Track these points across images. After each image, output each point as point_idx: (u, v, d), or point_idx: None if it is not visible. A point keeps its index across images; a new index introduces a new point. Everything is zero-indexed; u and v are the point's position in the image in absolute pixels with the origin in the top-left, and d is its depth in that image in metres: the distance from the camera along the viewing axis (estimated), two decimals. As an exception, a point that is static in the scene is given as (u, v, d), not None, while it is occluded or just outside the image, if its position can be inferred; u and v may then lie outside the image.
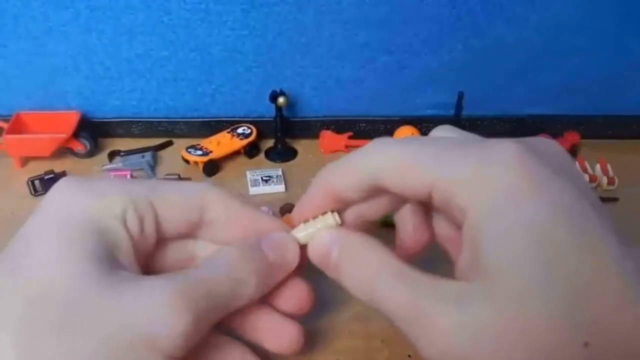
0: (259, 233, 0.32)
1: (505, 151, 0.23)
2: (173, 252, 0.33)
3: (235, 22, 0.57)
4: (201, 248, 0.34)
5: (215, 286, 0.28)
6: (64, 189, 0.29)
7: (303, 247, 0.32)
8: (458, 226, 0.25)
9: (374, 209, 0.31)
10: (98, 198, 0.29)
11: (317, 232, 0.30)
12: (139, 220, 0.29)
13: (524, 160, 0.23)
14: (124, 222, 0.29)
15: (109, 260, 0.27)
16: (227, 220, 0.32)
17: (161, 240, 0.32)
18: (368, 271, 0.27)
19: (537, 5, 0.56)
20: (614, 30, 0.57)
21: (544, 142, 0.26)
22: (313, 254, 0.30)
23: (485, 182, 0.23)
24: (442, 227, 0.31)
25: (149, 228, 0.30)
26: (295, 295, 0.33)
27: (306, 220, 0.32)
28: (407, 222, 0.31)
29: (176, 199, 0.31)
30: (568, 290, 0.21)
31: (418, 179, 0.25)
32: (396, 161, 0.26)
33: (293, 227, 0.33)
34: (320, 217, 0.32)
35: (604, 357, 0.20)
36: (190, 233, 0.33)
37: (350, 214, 0.31)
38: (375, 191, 0.28)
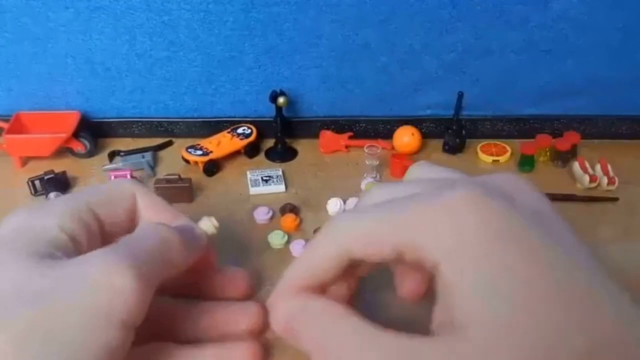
0: None
1: (466, 199, 0.23)
2: None
3: (235, 22, 0.57)
4: None
5: (148, 247, 0.29)
6: (17, 214, 0.31)
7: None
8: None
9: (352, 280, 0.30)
10: (43, 216, 0.30)
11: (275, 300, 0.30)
12: (85, 227, 0.31)
13: (488, 208, 0.22)
14: (67, 232, 0.30)
15: (52, 257, 0.28)
16: (153, 216, 0.34)
17: (110, 241, 0.33)
18: (331, 337, 0.25)
19: (537, 6, 0.56)
20: (614, 30, 0.57)
21: (511, 181, 0.25)
22: (275, 325, 0.29)
23: (452, 235, 0.22)
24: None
25: (96, 234, 0.32)
26: (239, 280, 0.36)
27: None
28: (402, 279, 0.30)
29: (112, 197, 0.33)
30: (538, 344, 0.20)
31: (387, 246, 0.24)
32: (360, 232, 0.25)
33: None
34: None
35: None
36: (132, 228, 0.35)
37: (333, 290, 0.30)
38: (352, 263, 0.27)
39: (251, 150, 0.61)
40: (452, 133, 0.62)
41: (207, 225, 0.38)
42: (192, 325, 0.35)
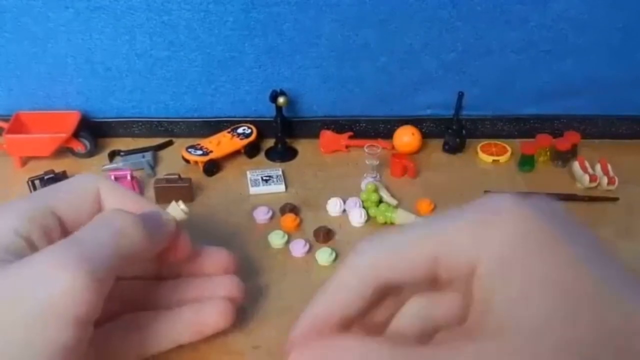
0: None
1: (504, 205, 0.23)
2: None
3: (235, 22, 0.57)
4: None
5: (99, 240, 0.30)
6: None
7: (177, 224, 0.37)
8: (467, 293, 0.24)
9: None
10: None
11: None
12: (44, 230, 0.31)
13: (525, 213, 0.23)
14: (24, 236, 0.30)
15: (3, 261, 0.28)
16: (117, 206, 0.34)
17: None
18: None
19: (537, 6, 0.56)
20: (614, 30, 0.57)
21: (541, 199, 0.25)
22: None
23: (492, 237, 0.23)
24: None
25: (56, 234, 0.32)
26: (221, 259, 0.39)
27: None
28: None
29: (74, 196, 0.34)
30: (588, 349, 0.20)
31: (420, 257, 0.24)
32: (386, 251, 0.25)
33: None
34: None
35: None
36: None
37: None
38: (379, 289, 0.26)
39: (251, 150, 0.62)
40: (452, 133, 0.62)
41: (176, 210, 0.37)
42: (171, 297, 0.37)
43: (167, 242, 0.36)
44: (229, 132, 0.62)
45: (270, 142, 0.63)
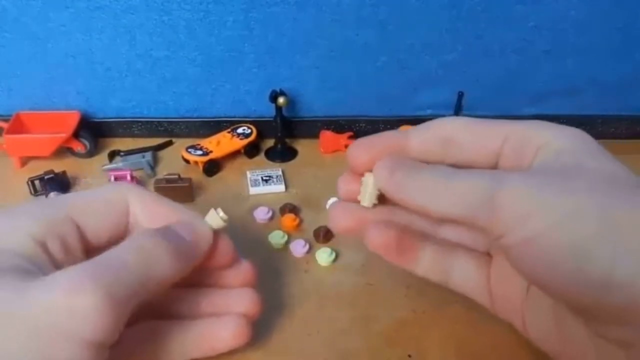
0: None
1: (572, 128, 0.31)
2: None
3: (235, 22, 0.57)
4: None
5: (124, 263, 0.29)
6: None
7: (216, 233, 0.36)
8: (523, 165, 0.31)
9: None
10: (12, 222, 0.29)
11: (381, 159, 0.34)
12: (60, 237, 0.30)
13: (582, 132, 0.31)
14: (39, 240, 0.29)
15: (24, 275, 0.27)
16: (149, 217, 0.33)
17: (95, 249, 0.32)
18: (427, 179, 0.31)
19: (537, 6, 0.56)
20: (614, 30, 0.57)
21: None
22: (377, 175, 0.33)
23: (561, 133, 0.30)
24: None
25: (74, 243, 0.31)
26: (241, 272, 0.38)
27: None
28: None
29: (97, 205, 0.33)
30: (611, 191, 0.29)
31: (494, 130, 0.31)
32: (471, 121, 0.32)
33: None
34: None
35: None
36: (123, 235, 0.34)
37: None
38: (443, 147, 0.32)
39: (251, 150, 0.62)
40: (452, 133, 0.62)
41: (214, 218, 0.36)
42: (187, 307, 0.36)
43: (200, 260, 0.34)
44: (228, 132, 0.62)
45: (270, 142, 0.63)
